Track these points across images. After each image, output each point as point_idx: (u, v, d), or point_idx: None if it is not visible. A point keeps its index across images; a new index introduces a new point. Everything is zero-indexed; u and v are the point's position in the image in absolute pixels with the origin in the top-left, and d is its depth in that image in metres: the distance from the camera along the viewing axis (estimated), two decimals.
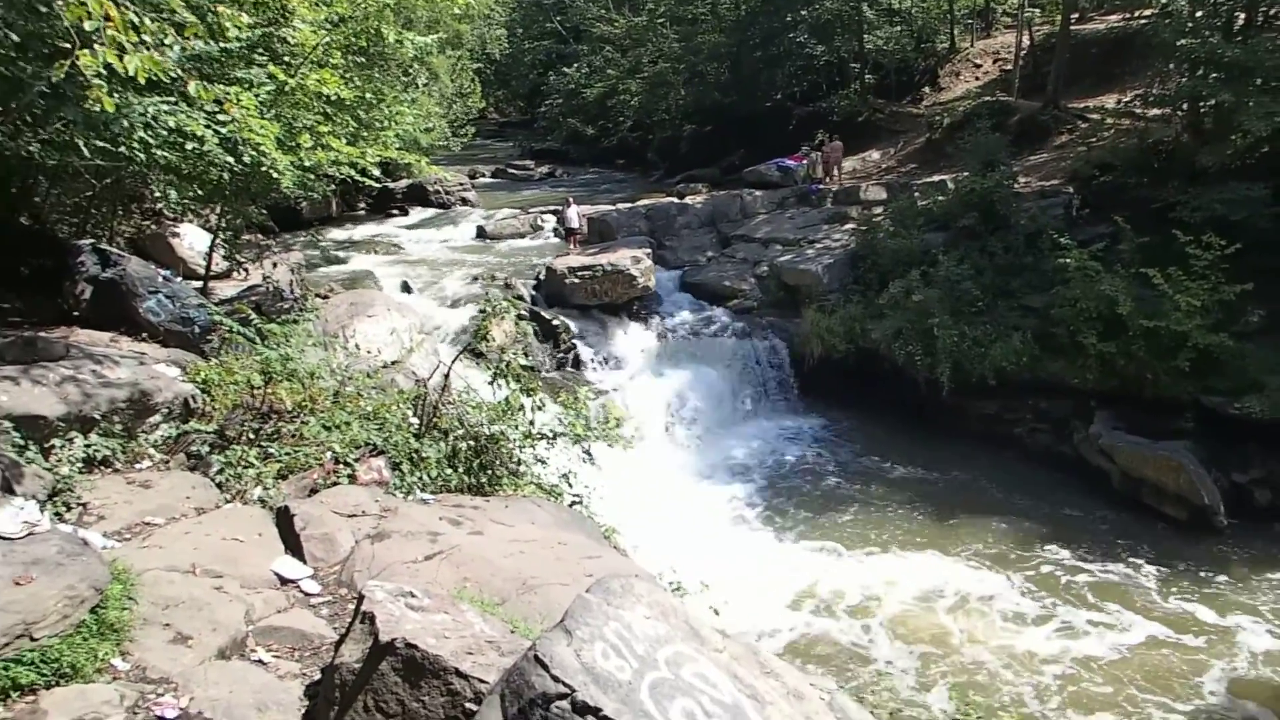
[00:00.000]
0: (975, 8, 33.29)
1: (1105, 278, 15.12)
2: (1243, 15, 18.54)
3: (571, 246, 20.76)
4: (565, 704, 3.13)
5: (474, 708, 3.78)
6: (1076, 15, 28.56)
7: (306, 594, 5.67)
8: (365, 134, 12.22)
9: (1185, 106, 19.26)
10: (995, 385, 16.01)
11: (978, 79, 30.94)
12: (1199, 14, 18.30)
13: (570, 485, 9.03)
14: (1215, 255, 14.41)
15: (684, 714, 3.30)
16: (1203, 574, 12.64)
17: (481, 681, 3.90)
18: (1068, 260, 15.64)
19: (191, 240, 14.58)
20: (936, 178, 23.10)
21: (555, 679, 3.18)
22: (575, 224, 20.94)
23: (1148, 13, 23.88)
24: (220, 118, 8.81)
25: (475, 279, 19.24)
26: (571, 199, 21.75)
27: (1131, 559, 13.04)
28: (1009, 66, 29.15)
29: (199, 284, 12.23)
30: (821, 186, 25.24)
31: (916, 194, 20.99)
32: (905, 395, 17.25)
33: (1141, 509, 14.18)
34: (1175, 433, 14.57)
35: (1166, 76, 20.78)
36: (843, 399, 18.05)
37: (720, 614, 7.93)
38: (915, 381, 16.85)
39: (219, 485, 7.14)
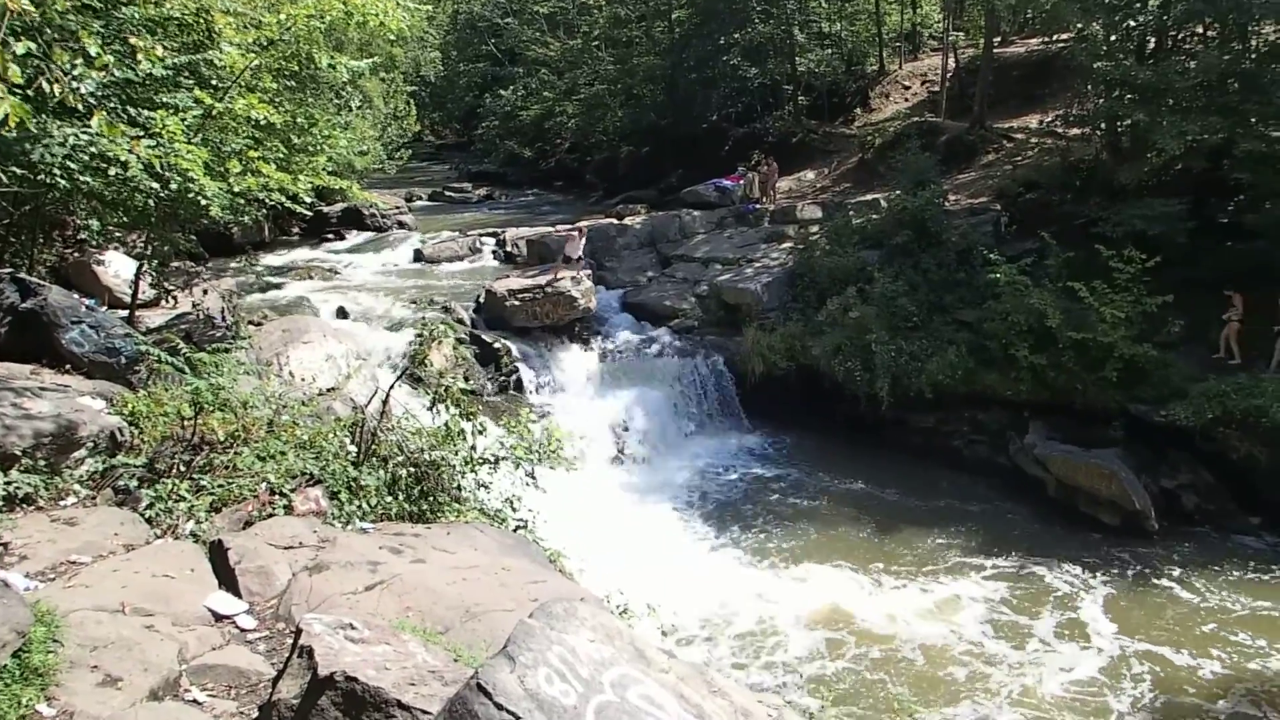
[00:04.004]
0: (902, 31, 34.17)
1: (1034, 292, 15.57)
2: (1153, 39, 19.36)
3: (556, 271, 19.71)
4: None
5: None
6: (999, 39, 29.56)
7: (242, 630, 5.49)
8: (297, 159, 12.03)
9: (1103, 126, 20.00)
10: (933, 399, 16.33)
11: (907, 100, 31.74)
12: (1113, 38, 19.06)
13: (514, 510, 8.93)
14: (1137, 269, 14.93)
15: None
16: (1137, 577, 13.01)
17: (424, 713, 3.81)
18: (998, 275, 16.07)
19: (117, 268, 14.15)
20: (870, 196, 23.60)
21: (499, 707, 3.13)
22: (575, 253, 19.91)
23: (1065, 37, 24.81)
24: (145, 143, 8.62)
25: (414, 303, 19.03)
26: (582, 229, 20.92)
27: (1069, 565, 13.37)
28: (936, 88, 29.98)
29: (125, 313, 11.87)
30: (758, 206, 25.57)
31: (851, 213, 21.38)
32: (846, 411, 17.50)
33: (1077, 516, 14.56)
34: (1106, 441, 15.02)
35: (1085, 98, 21.62)
36: (785, 416, 18.22)
37: (668, 635, 7.92)
38: (855, 397, 17.11)
39: (149, 520, 6.89)
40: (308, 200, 11.70)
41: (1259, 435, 13.64)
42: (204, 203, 9.71)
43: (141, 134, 8.87)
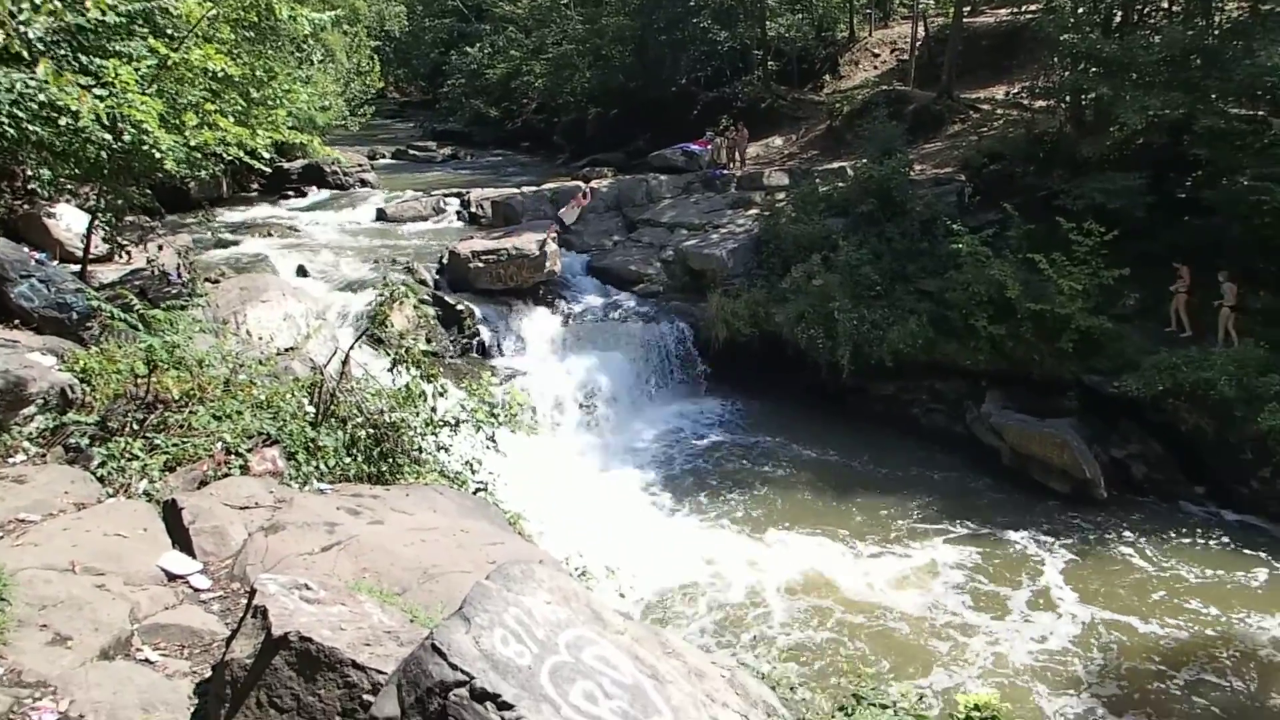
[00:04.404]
0: None
1: (995, 263, 15.73)
2: (1120, 13, 19.48)
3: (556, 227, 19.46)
4: (464, 691, 3.10)
5: (372, 699, 3.71)
6: (968, 8, 29.55)
7: (196, 590, 5.46)
8: (256, 113, 11.74)
9: (1068, 99, 20.14)
10: (893, 367, 16.49)
11: (876, 68, 31.71)
12: (1080, 10, 19.17)
13: (474, 472, 8.91)
14: (1095, 241, 15.15)
15: (584, 696, 3.30)
16: (1086, 543, 13.32)
17: (379, 673, 3.82)
18: (960, 246, 16.20)
19: (69, 221, 13.78)
20: (837, 164, 23.62)
21: (453, 667, 3.15)
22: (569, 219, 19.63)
23: (1034, 8, 24.88)
24: (97, 92, 8.36)
25: (375, 263, 18.79)
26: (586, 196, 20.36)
27: (1021, 531, 13.65)
28: (905, 56, 29.98)
29: (77, 268, 11.61)
30: (725, 172, 25.51)
31: (818, 180, 21.39)
32: (808, 378, 17.63)
33: (1030, 484, 14.86)
34: (1060, 411, 15.31)
35: (1051, 70, 21.75)
36: (748, 382, 18.32)
37: (626, 597, 8.00)
38: (818, 364, 17.23)
39: (100, 479, 6.79)
40: (267, 156, 11.43)
41: (1207, 407, 13.96)
42: (158, 156, 9.47)
43: (93, 83, 8.61)
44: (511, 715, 3.10)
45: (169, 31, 10.12)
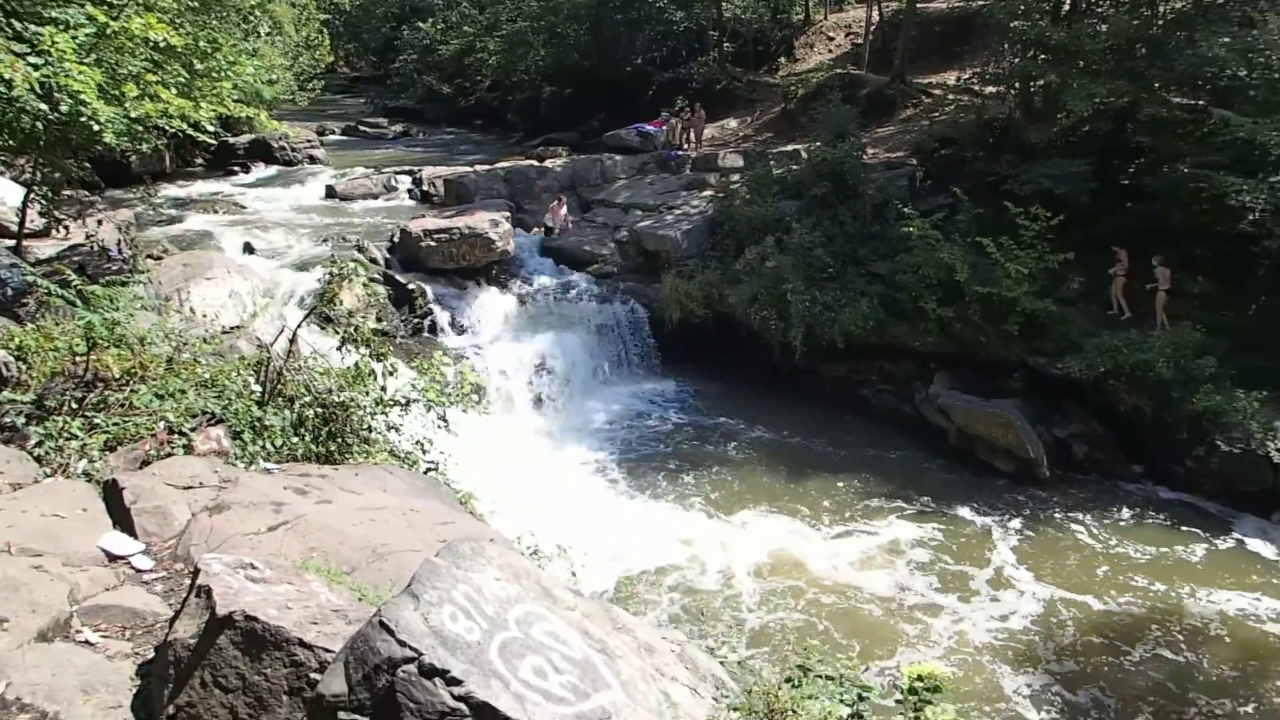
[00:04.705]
0: None
1: (945, 246, 15.96)
2: (1068, 1, 19.78)
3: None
4: (412, 668, 3.09)
5: (319, 678, 3.67)
6: None
7: (138, 570, 5.34)
8: (200, 85, 11.44)
9: (1017, 85, 20.44)
10: (845, 349, 16.66)
11: (830, 51, 31.86)
12: None
13: (425, 452, 8.85)
14: (1042, 226, 15.45)
15: (534, 671, 3.31)
16: (1034, 522, 13.64)
17: (327, 651, 3.78)
18: (911, 229, 16.41)
19: (3, 194, 13.37)
20: (791, 147, 23.73)
21: (401, 643, 3.13)
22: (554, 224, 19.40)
23: None
24: (31, 60, 8.09)
25: (325, 240, 18.47)
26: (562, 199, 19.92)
27: (972, 510, 13.94)
28: (860, 41, 30.16)
29: (12, 243, 11.27)
30: (680, 153, 25.48)
31: (772, 163, 21.47)
32: (761, 359, 17.76)
33: (975, 463, 15.17)
34: (1006, 392, 15.64)
35: (1001, 56, 22.02)
36: (702, 363, 18.41)
37: (578, 575, 8.00)
38: (770, 346, 17.36)
39: (38, 459, 6.60)
40: (211, 129, 11.17)
41: (1146, 389, 14.36)
42: (97, 128, 9.21)
43: (28, 51, 8.33)
44: (460, 691, 3.09)
45: None
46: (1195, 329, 14.42)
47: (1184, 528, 13.42)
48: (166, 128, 10.74)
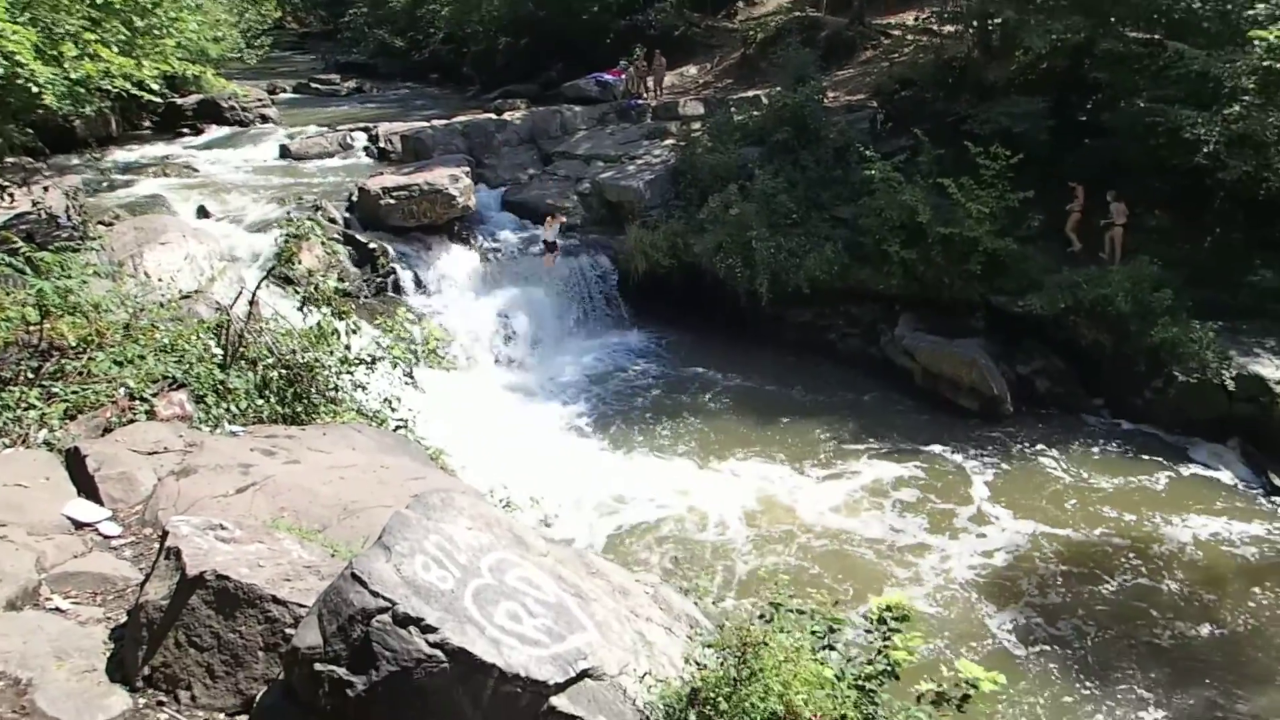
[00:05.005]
0: None
1: (906, 188, 15.99)
2: None
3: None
4: (386, 617, 3.11)
5: (294, 633, 3.69)
6: None
7: (106, 536, 5.30)
8: (141, 43, 11.06)
9: (975, 24, 20.37)
10: (810, 294, 16.72)
11: None
12: None
13: (393, 410, 8.80)
14: (1002, 165, 15.50)
15: (508, 616, 3.34)
16: (1005, 457, 13.89)
17: (301, 606, 3.80)
18: (873, 172, 16.39)
19: None
20: (752, 93, 23.54)
21: (375, 594, 3.14)
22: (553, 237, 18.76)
23: None
24: None
25: (282, 202, 18.08)
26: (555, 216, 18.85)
27: (938, 447, 14.18)
28: None
29: None
30: (640, 102, 25.19)
31: (733, 109, 21.31)
32: (728, 307, 17.78)
33: (941, 402, 15.38)
34: (969, 331, 15.86)
35: None
36: (669, 313, 18.41)
37: (552, 525, 8.06)
38: (736, 293, 17.36)
39: None
40: (156, 88, 10.84)
41: (1105, 323, 14.61)
42: (36, 90, 8.91)
43: None
44: (436, 638, 3.12)
45: None
46: (1152, 263, 14.64)
47: (1145, 457, 13.74)
48: (110, 88, 10.40)
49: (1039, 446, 14.16)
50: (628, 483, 13.15)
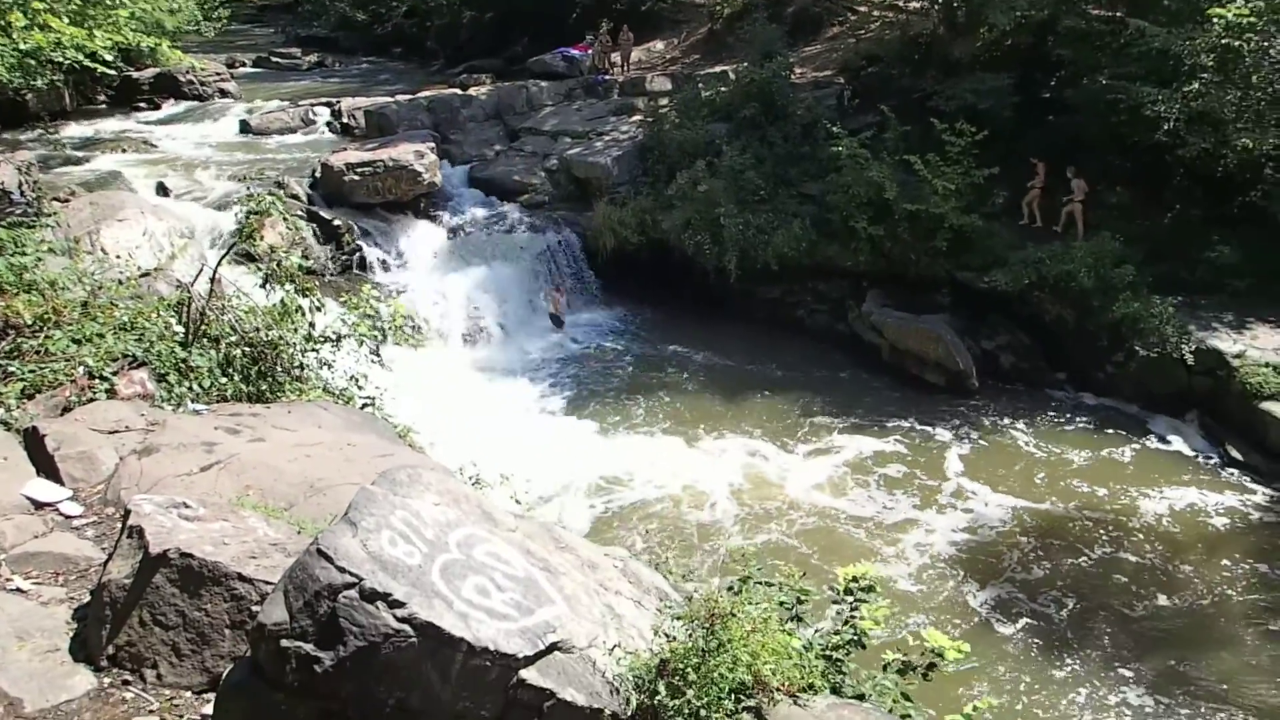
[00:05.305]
0: None
1: (873, 165, 16.03)
2: None
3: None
4: (353, 593, 3.09)
5: (260, 610, 3.66)
6: None
7: (67, 516, 5.22)
8: (93, 13, 10.76)
9: (941, 0, 20.38)
10: (778, 271, 16.76)
11: None
12: None
13: (360, 388, 8.73)
14: (967, 141, 15.60)
15: (476, 590, 3.34)
16: (975, 432, 14.06)
17: (267, 584, 3.78)
18: (840, 149, 16.42)
19: None
20: (719, 68, 23.43)
21: (341, 570, 3.12)
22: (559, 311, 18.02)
23: None
24: None
25: (243, 179, 17.78)
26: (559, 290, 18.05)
27: (899, 421, 14.33)
28: None
29: None
30: (607, 77, 25.00)
31: (700, 85, 21.20)
32: (697, 284, 17.79)
33: (907, 377, 15.54)
34: (935, 307, 16.01)
35: None
36: (638, 291, 18.38)
37: (522, 503, 8.05)
38: (705, 270, 17.36)
39: None
40: (109, 59, 10.57)
41: (1069, 298, 14.80)
42: None
43: None
44: (403, 613, 3.11)
45: None
46: (1114, 239, 14.83)
47: (1109, 430, 13.98)
48: (61, 60, 10.13)
49: (1007, 421, 14.33)
50: (602, 461, 13.16)
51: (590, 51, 26.25)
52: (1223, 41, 13.80)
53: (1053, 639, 10.01)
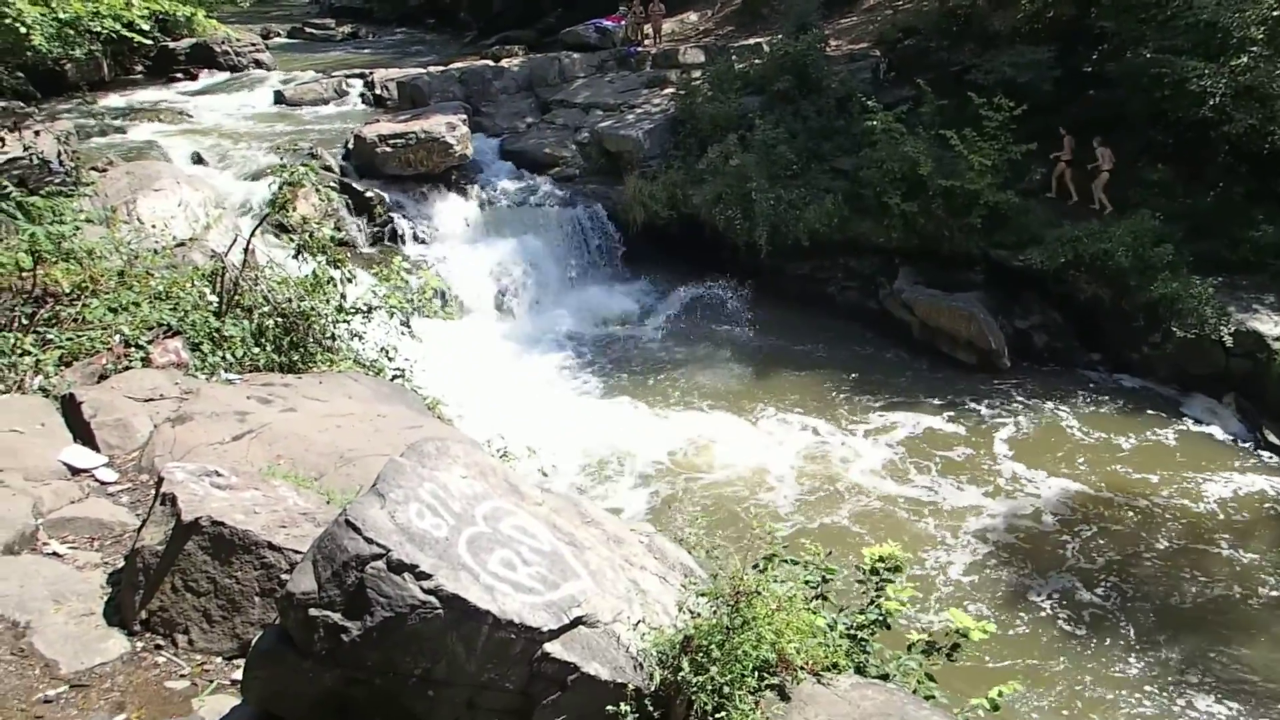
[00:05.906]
0: None
1: (908, 140, 15.77)
2: None
3: None
4: (380, 564, 3.12)
5: (290, 578, 3.71)
6: None
7: (103, 483, 5.32)
8: None
9: None
10: (809, 246, 16.59)
11: None
12: None
13: (391, 359, 8.79)
14: (1005, 116, 15.27)
15: (503, 564, 3.36)
16: (1004, 412, 13.87)
17: (296, 553, 3.83)
18: (874, 123, 16.15)
19: None
20: (753, 40, 23.12)
21: (369, 541, 3.15)
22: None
23: None
24: None
25: (277, 149, 17.87)
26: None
27: (930, 399, 14.19)
28: None
29: None
30: (640, 49, 24.78)
31: (734, 57, 20.96)
32: (726, 259, 17.67)
33: (938, 355, 15.38)
34: (968, 285, 15.77)
35: None
36: (667, 265, 18.29)
37: (549, 476, 8.09)
38: (735, 245, 17.24)
39: None
40: (146, 28, 10.63)
41: (1105, 277, 14.53)
42: (24, 31, 8.74)
43: None
44: (430, 584, 3.14)
45: None
46: (1154, 217, 14.52)
47: (1150, 412, 13.71)
48: (99, 29, 10.21)
49: (1047, 403, 14.05)
50: (635, 435, 13.11)
51: (623, 23, 26.02)
52: (1274, 14, 13.41)
53: (1099, 625, 9.83)
